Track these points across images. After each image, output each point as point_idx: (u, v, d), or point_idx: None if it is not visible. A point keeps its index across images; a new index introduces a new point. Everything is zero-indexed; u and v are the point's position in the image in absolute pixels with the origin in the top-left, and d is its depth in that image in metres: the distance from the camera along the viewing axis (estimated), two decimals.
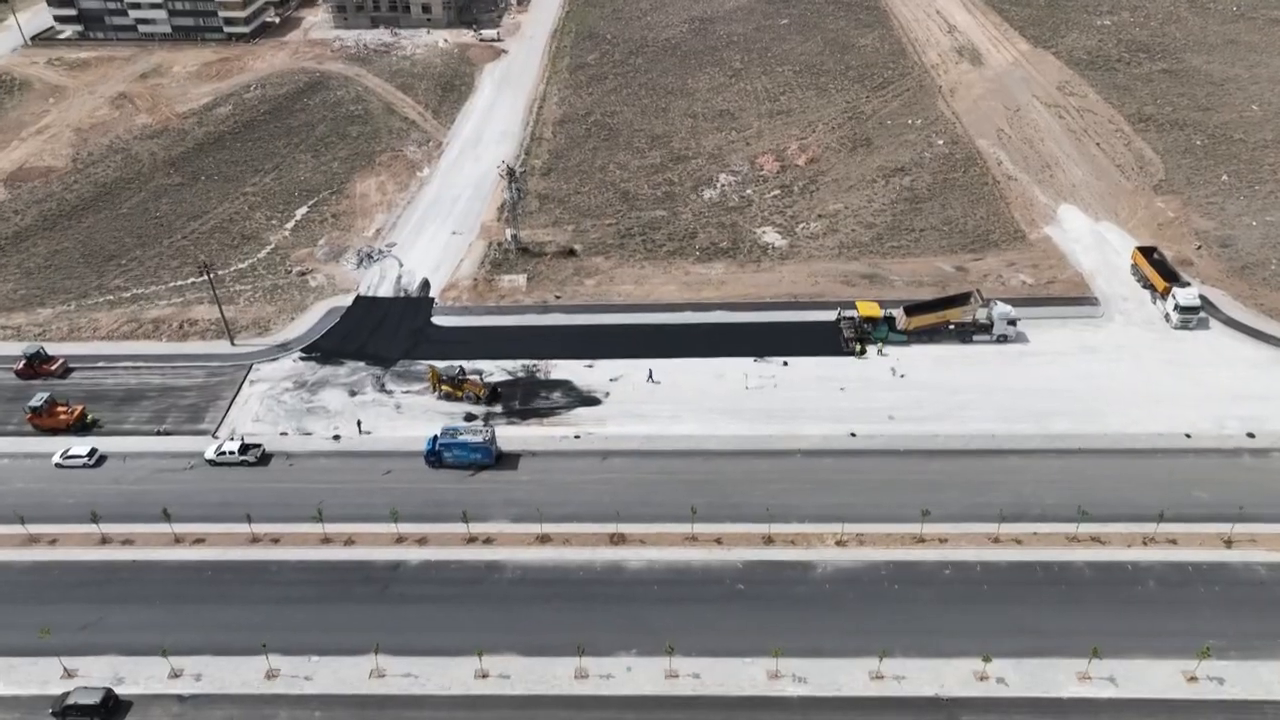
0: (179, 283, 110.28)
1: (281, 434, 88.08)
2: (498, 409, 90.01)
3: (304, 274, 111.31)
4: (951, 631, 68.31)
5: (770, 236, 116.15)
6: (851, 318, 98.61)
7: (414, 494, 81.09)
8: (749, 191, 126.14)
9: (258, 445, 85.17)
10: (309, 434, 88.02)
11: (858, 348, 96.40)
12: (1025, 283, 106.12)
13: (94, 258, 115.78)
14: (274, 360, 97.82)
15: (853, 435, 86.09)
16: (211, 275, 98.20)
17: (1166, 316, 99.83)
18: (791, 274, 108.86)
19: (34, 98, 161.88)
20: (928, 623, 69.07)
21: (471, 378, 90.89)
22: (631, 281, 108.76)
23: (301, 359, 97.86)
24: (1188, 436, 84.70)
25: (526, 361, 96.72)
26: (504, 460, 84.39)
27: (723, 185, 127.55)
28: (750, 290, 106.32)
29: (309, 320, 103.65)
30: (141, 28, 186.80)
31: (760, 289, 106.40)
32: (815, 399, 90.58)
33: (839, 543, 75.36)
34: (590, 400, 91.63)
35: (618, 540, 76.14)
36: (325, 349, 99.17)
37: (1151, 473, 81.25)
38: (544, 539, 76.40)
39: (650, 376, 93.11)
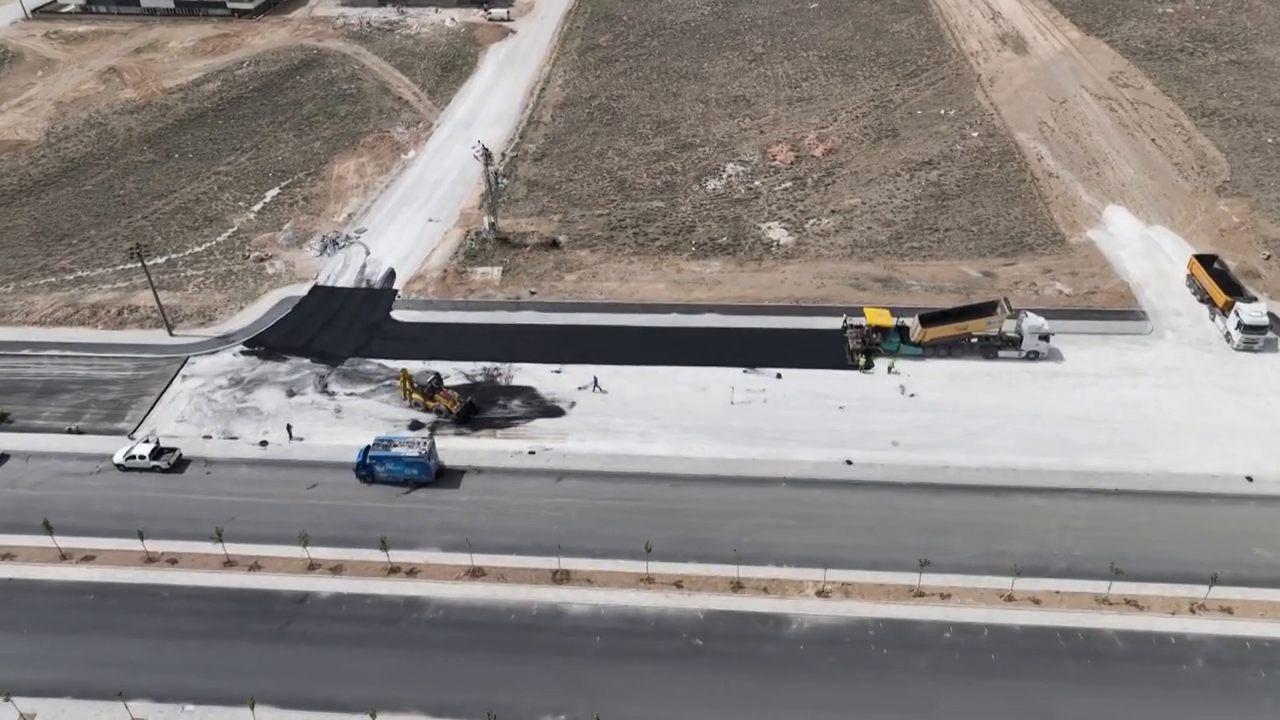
0: (127, 266, 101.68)
1: (205, 437, 78.66)
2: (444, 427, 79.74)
3: (262, 260, 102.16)
4: (949, 711, 56.38)
5: (776, 233, 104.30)
6: (859, 326, 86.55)
7: (337, 513, 71.08)
8: (757, 183, 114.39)
9: (173, 450, 75.81)
10: (235, 438, 78.50)
11: (863, 361, 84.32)
12: (1062, 292, 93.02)
13: (45, 236, 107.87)
14: (212, 354, 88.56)
15: (848, 463, 74.19)
16: (145, 259, 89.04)
17: (1227, 336, 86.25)
18: (795, 275, 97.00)
19: (23, 70, 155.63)
20: (920, 699, 57.18)
21: (447, 389, 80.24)
22: (617, 278, 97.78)
23: (242, 353, 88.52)
24: (1249, 480, 71.49)
25: (488, 364, 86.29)
26: (445, 477, 73.98)
27: (729, 176, 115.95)
28: (747, 292, 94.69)
29: (258, 310, 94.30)
30: (145, 2, 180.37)
31: (758, 291, 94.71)
32: (809, 419, 78.79)
33: (820, 593, 63.66)
34: (552, 410, 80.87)
35: (561, 578, 65.22)
36: (270, 343, 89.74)
37: (1204, 523, 68.23)
38: (476, 573, 65.79)
39: (595, 385, 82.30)
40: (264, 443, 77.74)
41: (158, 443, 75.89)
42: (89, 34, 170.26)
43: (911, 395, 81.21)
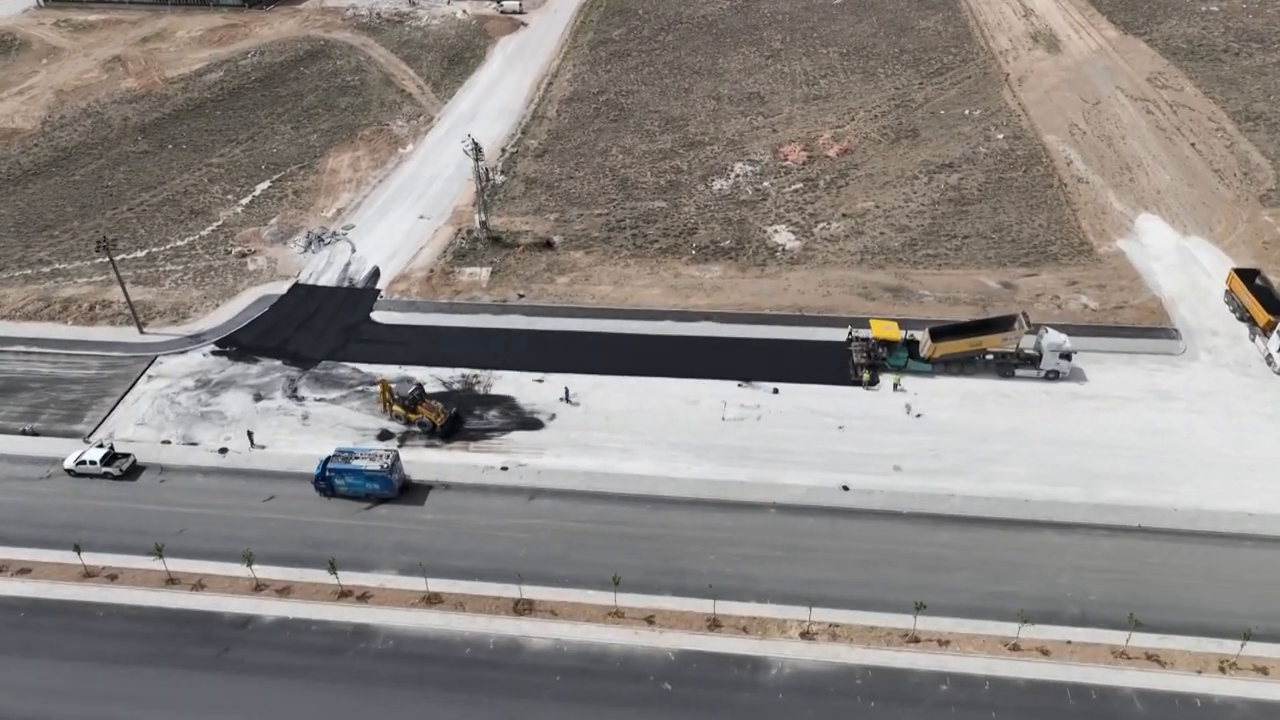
0: (99, 259, 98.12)
1: (164, 442, 74.50)
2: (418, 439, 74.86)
3: (244, 255, 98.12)
4: None
5: (782, 236, 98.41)
6: (864, 339, 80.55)
7: (292, 528, 66.47)
8: (766, 184, 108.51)
9: (127, 455, 71.70)
10: (194, 444, 74.24)
11: (867, 377, 78.28)
12: (1087, 307, 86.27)
13: (27, 227, 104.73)
14: (182, 353, 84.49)
15: (845, 489, 68.25)
16: (113, 254, 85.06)
17: (1269, 358, 79.16)
18: (800, 282, 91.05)
19: (29, 58, 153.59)
20: None
21: (431, 401, 74.82)
22: (610, 281, 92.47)
23: (213, 354, 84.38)
24: None
25: (467, 371, 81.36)
26: (410, 492, 69.13)
27: (737, 176, 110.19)
28: (748, 299, 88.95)
29: (234, 308, 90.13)
30: None
31: (759, 298, 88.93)
32: (806, 438, 72.94)
33: (805, 634, 57.87)
34: (531, 423, 75.75)
35: (523, 609, 60.02)
36: (242, 343, 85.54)
37: (1237, 568, 61.59)
38: (433, 599, 60.79)
39: (567, 396, 77.19)
40: (224, 450, 73.36)
41: (111, 448, 71.77)
42: (99, 22, 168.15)
43: (918, 415, 75.05)
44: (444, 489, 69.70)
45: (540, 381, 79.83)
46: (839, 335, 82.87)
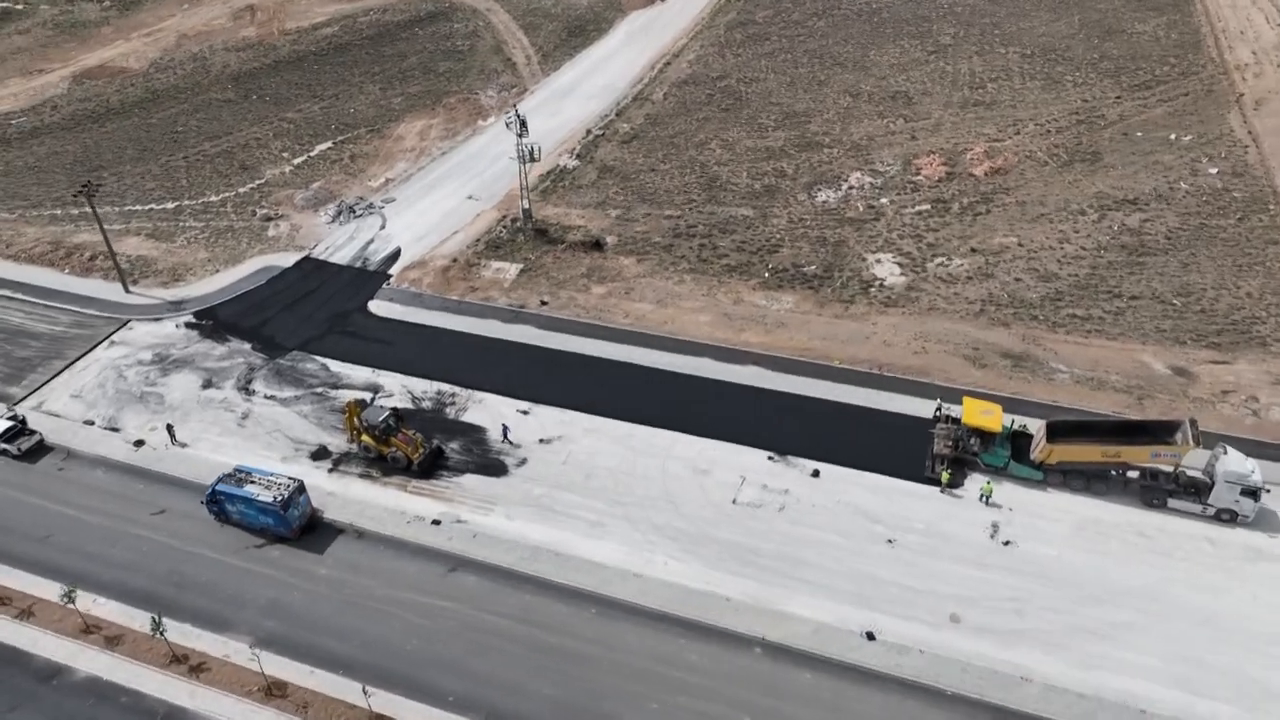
0: (131, 206, 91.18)
1: (87, 422, 64.50)
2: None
3: (269, 219, 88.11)
4: None
5: (884, 268, 77.33)
6: (953, 421, 59.20)
7: (165, 556, 54.12)
8: (884, 200, 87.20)
9: (33, 433, 62.03)
10: (115, 430, 63.73)
11: (947, 475, 56.96)
12: None
13: (81, 166, 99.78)
14: (156, 320, 74.92)
15: (870, 637, 48.11)
16: (93, 200, 76.26)
17: None
18: (891, 330, 70.08)
19: (171, 3, 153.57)
20: None
21: (408, 431, 60.03)
22: (653, 299, 75.10)
23: (186, 325, 74.24)
24: None
25: (446, 387, 66.73)
26: (313, 533, 55.20)
27: (850, 187, 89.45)
28: (815, 344, 69.11)
29: (232, 276, 79.84)
30: None
31: (831, 344, 68.86)
32: (838, 549, 53.09)
33: None
34: (493, 466, 59.90)
35: None
36: (221, 318, 74.93)
37: None
38: (274, 691, 46.30)
39: (505, 435, 61.12)
40: (140, 442, 62.30)
41: (20, 422, 62.28)
42: None
43: (1006, 543, 53.21)
44: (356, 536, 55.26)
45: (525, 414, 63.92)
46: (925, 409, 61.80)
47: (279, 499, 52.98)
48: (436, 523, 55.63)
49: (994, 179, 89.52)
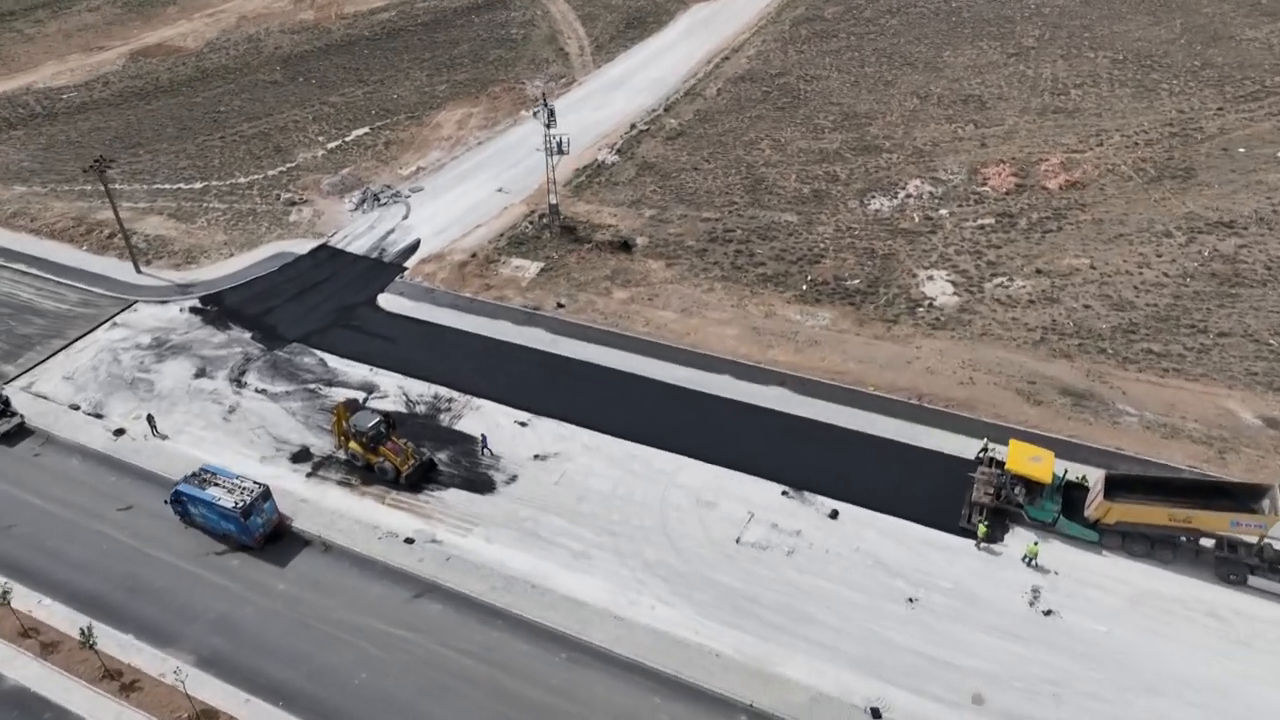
0: (160, 185, 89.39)
1: (73, 406, 61.90)
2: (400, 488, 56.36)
3: (293, 204, 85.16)
4: None
5: (936, 286, 69.98)
6: (996, 464, 51.94)
7: (124, 557, 50.75)
8: (944, 211, 79.61)
9: (14, 415, 59.58)
10: (99, 416, 60.95)
11: (984, 527, 49.78)
12: None
13: (120, 143, 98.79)
14: (162, 303, 72.31)
15: (875, 715, 41.48)
16: (104, 175, 73.90)
17: None
18: (937, 355, 62.86)
19: None
20: None
21: (399, 440, 55.22)
22: (678, 308, 69.30)
23: (191, 310, 71.42)
24: None
25: (444, 390, 62.15)
26: (279, 542, 51.09)
27: (907, 195, 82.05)
28: (850, 366, 62.37)
29: (245, 261, 76.94)
30: None
31: (867, 368, 62.02)
32: (850, 605, 46.58)
33: None
34: (480, 482, 54.99)
35: None
36: (226, 304, 71.93)
37: None
38: (203, 719, 42.18)
39: (484, 446, 56.46)
40: (120, 431, 59.34)
41: (5, 404, 59.94)
42: None
43: (1047, 612, 45.88)
44: (322, 550, 50.98)
45: (523, 425, 58.92)
46: (967, 449, 54.66)
47: (240, 505, 48.95)
48: (410, 541, 50.97)
49: (1069, 193, 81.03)
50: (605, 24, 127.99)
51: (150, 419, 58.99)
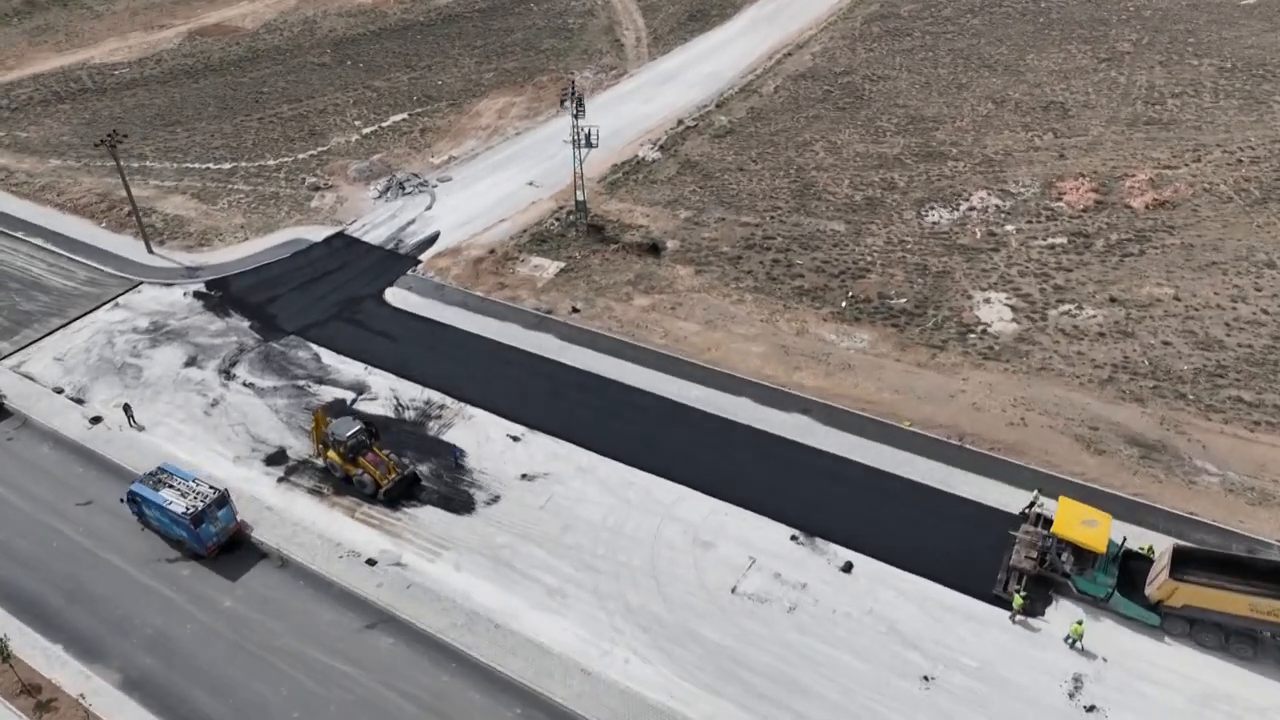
0: (190, 164, 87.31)
1: (56, 389, 59.29)
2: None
3: (316, 188, 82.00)
4: None
5: (993, 310, 62.41)
6: (1047, 523, 44.65)
7: (74, 557, 47.37)
8: (1009, 227, 71.74)
9: None
10: (80, 402, 58.13)
11: (1020, 598, 42.60)
12: None
13: (160, 120, 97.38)
14: (167, 285, 69.62)
15: None
16: (116, 153, 71.27)
17: None
18: (986, 390, 55.51)
19: None
20: None
21: (381, 451, 50.76)
22: (702, 320, 63.33)
23: (195, 294, 68.50)
24: None
25: (436, 396, 57.49)
26: (235, 552, 47.04)
27: (970, 208, 74.39)
28: (885, 396, 55.50)
29: (258, 246, 73.77)
30: None
31: (905, 400, 55.06)
32: (854, 676, 40.08)
33: None
34: (459, 501, 50.11)
35: None
36: (231, 291, 68.80)
37: None
38: None
39: (455, 459, 51.96)
40: (97, 419, 56.34)
41: None
42: None
43: (1090, 709, 38.56)
44: (279, 565, 46.74)
45: (516, 440, 53.87)
46: (1011, 501, 47.48)
47: (190, 511, 45.02)
48: (372, 563, 46.35)
49: (1156, 213, 72.23)
50: (666, 15, 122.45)
51: (127, 408, 55.83)
